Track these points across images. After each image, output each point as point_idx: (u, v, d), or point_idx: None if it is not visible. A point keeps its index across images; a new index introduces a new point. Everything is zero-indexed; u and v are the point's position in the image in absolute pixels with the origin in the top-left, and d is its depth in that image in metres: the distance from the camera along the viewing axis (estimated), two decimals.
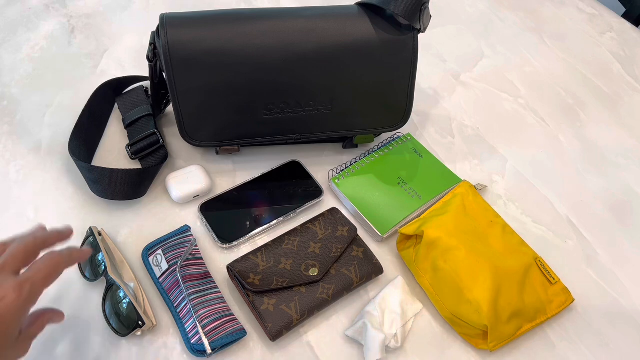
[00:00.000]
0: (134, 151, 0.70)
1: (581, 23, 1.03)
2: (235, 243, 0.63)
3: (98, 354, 0.55)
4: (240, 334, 0.55)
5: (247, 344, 0.56)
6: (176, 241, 0.61)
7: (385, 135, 0.76)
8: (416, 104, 0.74)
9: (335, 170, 0.71)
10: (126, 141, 0.72)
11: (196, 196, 0.67)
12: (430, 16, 0.64)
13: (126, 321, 0.55)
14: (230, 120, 0.65)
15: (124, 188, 0.64)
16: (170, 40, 0.59)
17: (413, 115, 0.80)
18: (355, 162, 0.72)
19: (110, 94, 0.77)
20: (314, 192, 0.69)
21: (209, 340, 0.53)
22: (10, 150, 0.71)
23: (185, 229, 0.62)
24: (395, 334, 0.56)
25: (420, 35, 0.65)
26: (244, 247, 0.64)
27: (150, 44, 0.63)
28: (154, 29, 0.62)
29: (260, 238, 0.65)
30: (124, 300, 0.55)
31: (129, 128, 0.73)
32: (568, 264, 0.66)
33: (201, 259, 0.61)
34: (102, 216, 0.65)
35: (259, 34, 0.60)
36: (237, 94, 0.62)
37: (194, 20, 0.60)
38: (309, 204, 0.68)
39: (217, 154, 0.72)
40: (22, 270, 0.44)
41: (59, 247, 0.47)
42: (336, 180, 0.69)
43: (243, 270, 0.57)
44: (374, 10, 0.63)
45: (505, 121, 0.83)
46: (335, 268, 0.60)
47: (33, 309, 0.44)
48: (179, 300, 0.56)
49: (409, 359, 0.57)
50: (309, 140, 0.72)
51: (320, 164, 0.73)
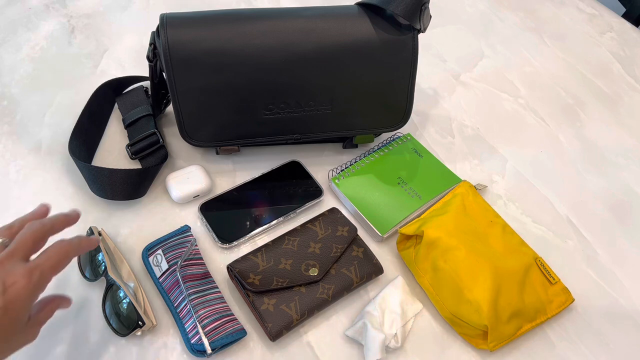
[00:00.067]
0: (134, 151, 0.70)
1: (581, 23, 1.03)
2: (235, 243, 0.63)
3: (98, 354, 0.55)
4: (240, 334, 0.55)
5: (247, 344, 0.56)
6: (176, 241, 0.61)
7: (385, 135, 0.76)
8: (416, 104, 0.74)
9: (335, 170, 0.71)
10: (126, 141, 0.72)
11: (196, 196, 0.67)
12: (430, 16, 0.64)
13: (126, 321, 0.55)
14: (230, 120, 0.65)
15: (124, 188, 0.64)
16: (170, 40, 0.59)
17: (413, 115, 0.80)
18: (355, 162, 0.72)
19: (110, 94, 0.77)
20: (314, 192, 0.69)
21: (209, 340, 0.53)
22: (10, 150, 0.71)
23: (185, 229, 0.62)
24: (395, 334, 0.56)
25: (420, 35, 0.65)
26: (244, 247, 0.64)
27: (150, 44, 0.63)
28: (154, 29, 0.62)
29: (260, 238, 0.65)
30: (124, 300, 0.55)
31: (129, 128, 0.73)
32: (568, 264, 0.66)
33: (201, 259, 0.61)
34: (102, 216, 0.65)
35: (259, 34, 0.60)
36: (237, 94, 0.62)
37: (194, 20, 0.60)
38: (309, 204, 0.68)
39: (217, 154, 0.72)
40: (32, 257, 0.45)
41: (64, 237, 0.48)
42: (336, 180, 0.69)
43: (243, 270, 0.57)
44: (374, 10, 0.63)
45: (505, 121, 0.83)
46: (335, 268, 0.60)
47: (41, 296, 0.45)
48: (179, 300, 0.56)
49: (409, 359, 0.57)
50: (309, 140, 0.72)
51: (320, 164, 0.73)
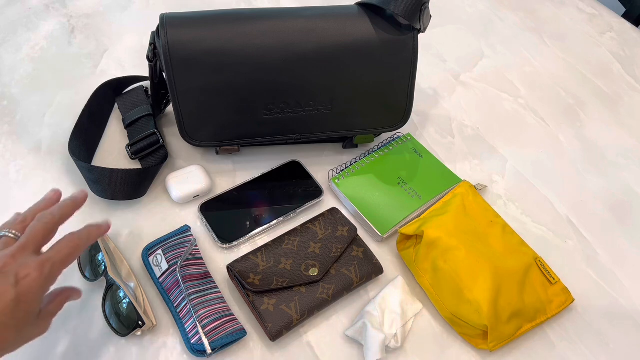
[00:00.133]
0: (134, 151, 0.70)
1: (581, 23, 1.03)
2: (235, 243, 0.63)
3: (98, 354, 0.55)
4: (240, 334, 0.55)
5: (247, 344, 0.56)
6: (176, 241, 0.61)
7: (385, 135, 0.76)
8: (416, 104, 0.74)
9: (335, 170, 0.71)
10: (126, 141, 0.72)
11: (196, 196, 0.67)
12: (430, 16, 0.64)
13: (126, 321, 0.55)
14: (230, 120, 0.65)
15: (124, 188, 0.64)
16: (170, 40, 0.59)
17: (413, 115, 0.80)
18: (355, 162, 0.72)
19: (110, 94, 0.77)
20: (314, 192, 0.69)
21: (209, 340, 0.53)
22: (10, 150, 0.71)
23: (185, 229, 0.62)
24: (395, 334, 0.56)
25: (420, 35, 0.65)
26: (244, 247, 0.64)
27: (150, 44, 0.63)
28: (154, 29, 0.62)
29: (260, 238, 0.65)
30: (124, 300, 0.55)
31: (129, 128, 0.73)
32: (568, 264, 0.66)
33: (201, 259, 0.61)
34: (102, 216, 0.65)
35: (259, 34, 0.60)
36: (237, 94, 0.62)
37: (194, 20, 0.60)
38: (309, 204, 0.68)
39: (217, 154, 0.72)
40: (43, 249, 0.46)
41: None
42: (336, 180, 0.69)
43: (243, 270, 0.57)
44: (374, 10, 0.63)
45: (505, 121, 0.83)
46: (335, 268, 0.60)
47: (51, 288, 0.46)
48: (179, 300, 0.56)
49: (409, 359, 0.57)
50: (309, 140, 0.72)
51: (320, 164, 0.73)
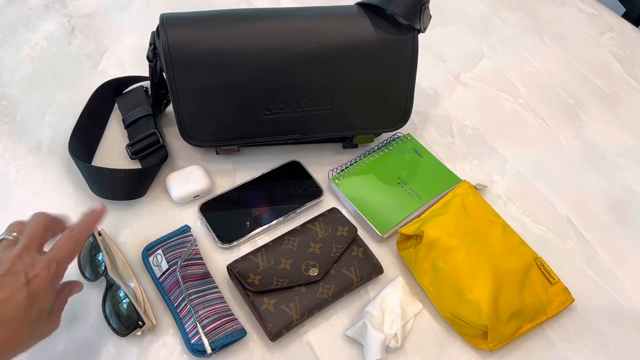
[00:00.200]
0: (134, 151, 0.70)
1: (581, 23, 1.03)
2: (235, 243, 0.63)
3: (98, 354, 0.55)
4: (240, 334, 0.55)
5: (247, 344, 0.56)
6: (176, 241, 0.61)
7: (385, 135, 0.76)
8: (416, 104, 0.74)
9: (335, 170, 0.71)
10: (126, 141, 0.72)
11: (196, 196, 0.67)
12: (430, 16, 0.64)
13: (126, 321, 0.54)
14: (230, 120, 0.65)
15: (124, 188, 0.64)
16: (170, 40, 0.59)
17: (413, 115, 0.80)
18: (355, 162, 0.72)
19: (110, 94, 0.77)
20: (314, 192, 0.69)
21: (209, 340, 0.53)
22: (10, 150, 0.71)
23: (185, 229, 0.62)
24: (395, 334, 0.56)
25: (420, 35, 0.65)
26: (244, 247, 0.64)
27: (150, 44, 0.63)
28: (154, 29, 0.62)
29: (260, 238, 0.65)
30: (124, 300, 0.55)
31: (129, 128, 0.73)
32: (568, 264, 0.66)
33: (201, 259, 0.61)
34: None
35: (259, 34, 0.60)
36: (237, 94, 0.62)
37: (194, 20, 0.60)
38: (309, 204, 0.68)
39: (217, 154, 0.72)
40: (45, 247, 0.47)
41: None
42: (336, 180, 0.69)
43: (243, 270, 0.57)
44: (374, 10, 0.63)
45: (505, 121, 0.83)
46: (335, 268, 0.60)
47: None
48: (179, 300, 0.56)
49: (409, 359, 0.57)
50: (309, 140, 0.72)
51: (320, 164, 0.73)
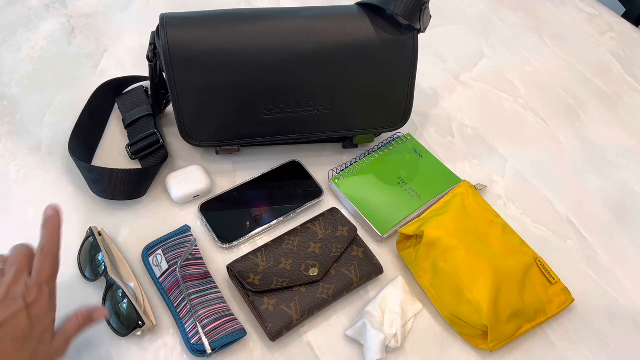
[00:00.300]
0: (134, 151, 0.70)
1: (581, 23, 1.03)
2: (235, 243, 0.63)
3: (98, 354, 0.55)
4: (240, 334, 0.55)
5: (247, 344, 0.56)
6: (176, 241, 0.61)
7: (385, 135, 0.76)
8: (416, 104, 0.74)
9: (335, 170, 0.71)
10: (126, 141, 0.72)
11: (196, 196, 0.67)
12: (430, 16, 0.64)
13: (126, 321, 0.54)
14: (230, 120, 0.65)
15: (124, 188, 0.64)
16: (170, 40, 0.59)
17: (413, 115, 0.80)
18: (355, 162, 0.72)
19: (110, 94, 0.77)
20: (314, 192, 0.69)
21: (209, 340, 0.53)
22: (10, 150, 0.71)
23: (185, 229, 0.62)
24: (395, 334, 0.56)
25: (420, 35, 0.65)
26: (244, 247, 0.64)
27: (150, 44, 0.63)
28: (154, 29, 0.62)
29: (260, 238, 0.65)
30: (124, 300, 0.55)
31: (129, 128, 0.73)
32: (568, 264, 0.66)
33: (201, 259, 0.61)
34: (102, 216, 0.65)
35: (259, 34, 0.60)
36: (237, 94, 0.62)
37: (194, 20, 0.60)
38: (309, 204, 0.68)
39: (217, 154, 0.72)
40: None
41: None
42: (336, 180, 0.69)
43: (243, 270, 0.57)
44: (374, 10, 0.63)
45: (505, 121, 0.83)
46: (335, 268, 0.60)
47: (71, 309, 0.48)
48: (179, 300, 0.56)
49: (409, 359, 0.57)
50: (309, 140, 0.72)
51: (320, 164, 0.73)
